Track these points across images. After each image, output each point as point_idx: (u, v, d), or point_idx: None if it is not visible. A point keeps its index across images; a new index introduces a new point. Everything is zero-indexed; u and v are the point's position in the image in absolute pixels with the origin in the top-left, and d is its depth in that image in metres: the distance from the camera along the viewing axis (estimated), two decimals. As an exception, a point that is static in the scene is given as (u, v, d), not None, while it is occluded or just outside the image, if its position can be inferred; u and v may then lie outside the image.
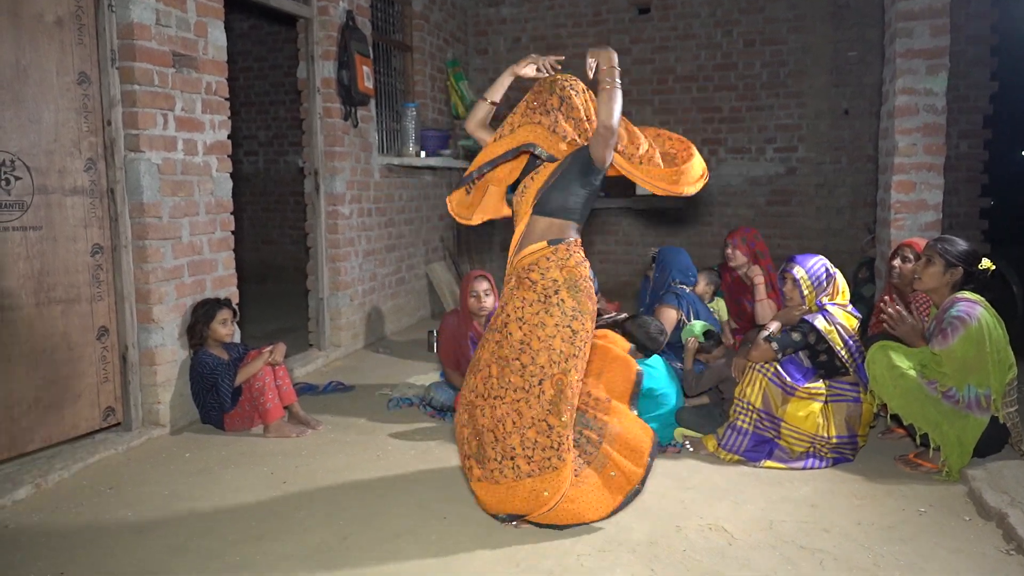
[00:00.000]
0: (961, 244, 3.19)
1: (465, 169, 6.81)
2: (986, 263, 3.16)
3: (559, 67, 2.74)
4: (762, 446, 3.29)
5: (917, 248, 3.70)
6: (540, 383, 2.53)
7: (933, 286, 3.21)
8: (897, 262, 3.83)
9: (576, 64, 2.91)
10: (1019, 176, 11.51)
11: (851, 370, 3.28)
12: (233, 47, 4.37)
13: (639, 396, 3.52)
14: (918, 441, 3.14)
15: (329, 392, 4.44)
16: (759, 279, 4.33)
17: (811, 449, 3.25)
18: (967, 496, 2.91)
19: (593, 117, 2.65)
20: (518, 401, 2.55)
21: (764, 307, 4.27)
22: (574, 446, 2.71)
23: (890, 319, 3.27)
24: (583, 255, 2.67)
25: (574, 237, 2.67)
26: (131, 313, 3.58)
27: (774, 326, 3.43)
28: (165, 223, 3.67)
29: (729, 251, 4.50)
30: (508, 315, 2.62)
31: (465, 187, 2.83)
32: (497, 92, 2.81)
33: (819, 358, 3.33)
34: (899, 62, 4.38)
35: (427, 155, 6.20)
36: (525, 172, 2.76)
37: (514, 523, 2.67)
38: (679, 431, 3.54)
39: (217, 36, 3.99)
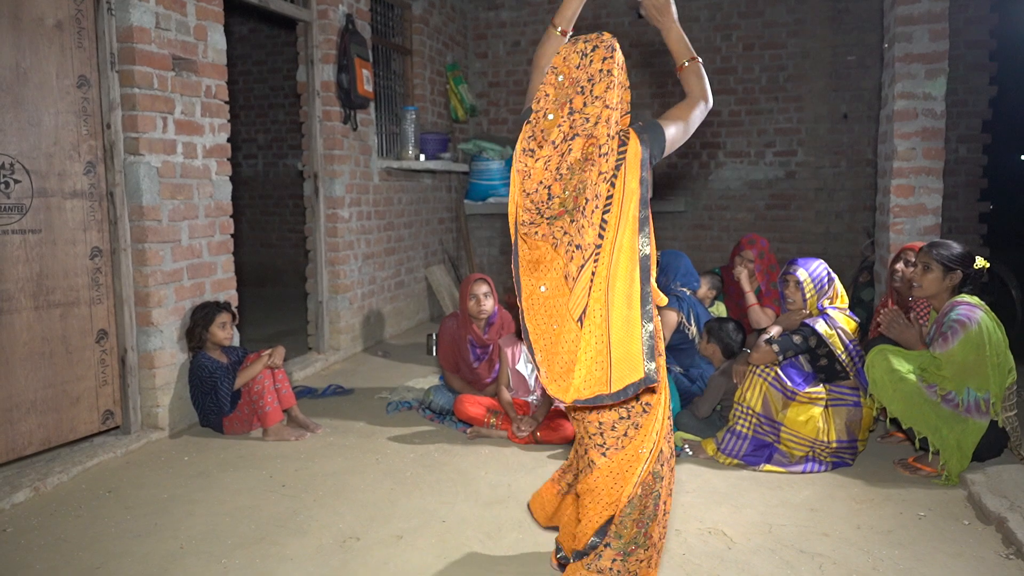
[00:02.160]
0: (955, 247, 3.19)
1: (465, 172, 6.88)
2: (980, 262, 3.16)
3: None
4: (761, 450, 3.28)
5: (919, 252, 3.71)
6: None
7: (933, 292, 3.21)
8: (900, 266, 3.83)
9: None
10: (1018, 180, 11.54)
11: (851, 374, 3.28)
12: (233, 50, 4.38)
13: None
14: (917, 445, 3.14)
15: (328, 395, 4.44)
16: (745, 285, 4.33)
17: (811, 453, 3.25)
18: (966, 500, 2.91)
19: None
20: None
21: (757, 312, 4.26)
22: None
23: (884, 319, 3.27)
24: None
25: None
26: (130, 316, 3.58)
27: (775, 330, 3.43)
28: (164, 226, 3.67)
29: (739, 264, 4.44)
30: None
31: None
32: (567, 16, 2.20)
33: (819, 362, 3.33)
34: (898, 66, 4.38)
35: (426, 158, 6.20)
36: None
37: None
38: (679, 435, 3.54)
39: (217, 39, 4.00)
